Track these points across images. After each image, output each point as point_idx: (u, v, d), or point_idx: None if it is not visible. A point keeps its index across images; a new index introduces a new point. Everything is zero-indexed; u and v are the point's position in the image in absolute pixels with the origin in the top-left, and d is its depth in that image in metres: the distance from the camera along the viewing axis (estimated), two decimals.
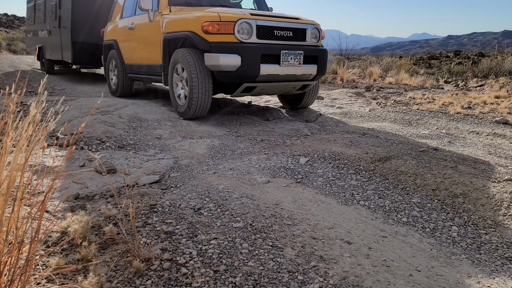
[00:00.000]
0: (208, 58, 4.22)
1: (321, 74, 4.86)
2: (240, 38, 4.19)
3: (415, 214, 2.26)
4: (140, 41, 5.75)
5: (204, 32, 4.22)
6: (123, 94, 6.71)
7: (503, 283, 1.65)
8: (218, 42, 4.19)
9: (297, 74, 4.56)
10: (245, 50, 4.14)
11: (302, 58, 4.52)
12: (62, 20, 9.05)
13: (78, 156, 3.21)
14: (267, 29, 4.34)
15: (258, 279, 1.51)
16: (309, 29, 4.66)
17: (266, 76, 4.33)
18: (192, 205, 2.16)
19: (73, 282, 1.48)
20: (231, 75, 4.26)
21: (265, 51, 4.25)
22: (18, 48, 18.17)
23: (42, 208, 1.23)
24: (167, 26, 4.90)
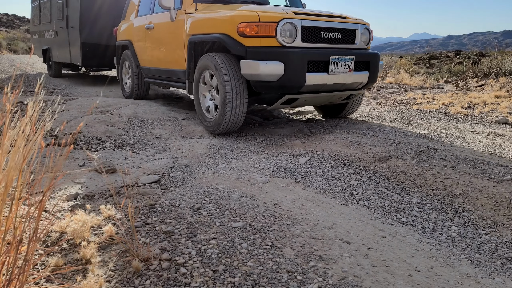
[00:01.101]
0: (245, 66, 3.62)
1: (372, 82, 4.26)
2: (283, 42, 3.59)
3: (414, 214, 2.25)
4: (160, 43, 5.15)
5: (240, 34, 3.63)
6: (139, 98, 6.14)
7: (502, 283, 1.64)
8: (256, 47, 3.60)
9: (346, 82, 3.94)
10: (289, 56, 3.54)
11: (353, 64, 3.91)
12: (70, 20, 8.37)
13: (78, 156, 3.21)
14: (314, 30, 3.74)
15: (257, 279, 1.51)
16: (359, 29, 4.05)
17: (312, 86, 3.73)
18: (192, 205, 2.15)
19: (72, 282, 1.48)
20: (272, 86, 3.67)
21: (312, 57, 3.65)
22: (19, 48, 18.18)
23: (41, 207, 1.23)
24: (193, 27, 4.30)
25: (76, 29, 8.00)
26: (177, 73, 4.78)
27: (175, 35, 4.69)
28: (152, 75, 5.55)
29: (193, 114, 5.06)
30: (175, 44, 4.72)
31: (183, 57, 4.52)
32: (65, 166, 2.96)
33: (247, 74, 3.65)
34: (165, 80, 5.26)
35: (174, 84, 5.02)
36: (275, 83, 3.62)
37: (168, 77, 5.12)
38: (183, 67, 4.57)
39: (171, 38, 4.81)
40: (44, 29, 10.11)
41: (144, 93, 6.15)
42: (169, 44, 4.90)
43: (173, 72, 4.89)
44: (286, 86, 3.65)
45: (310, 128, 4.46)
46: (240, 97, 3.77)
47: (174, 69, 4.82)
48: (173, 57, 4.81)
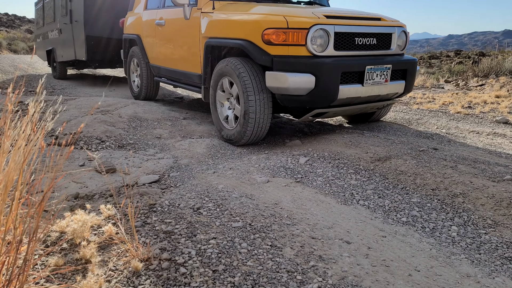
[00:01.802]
0: (271, 78, 3.24)
1: (408, 92, 3.89)
2: (314, 51, 3.18)
3: (414, 213, 2.25)
4: (172, 42, 4.71)
5: (265, 42, 3.24)
6: (148, 98, 5.79)
7: (502, 283, 1.64)
8: (284, 56, 3.20)
9: (381, 94, 3.58)
10: (321, 67, 3.14)
11: (389, 74, 3.52)
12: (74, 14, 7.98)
13: (78, 156, 3.21)
14: (348, 36, 3.33)
15: (257, 279, 1.51)
16: (396, 32, 3.63)
17: (344, 100, 3.37)
18: (192, 204, 2.16)
19: (72, 282, 1.48)
20: (300, 100, 3.31)
21: (346, 68, 3.26)
22: (19, 48, 18.18)
23: (41, 207, 1.23)
24: (210, 29, 3.87)
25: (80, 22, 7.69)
26: (191, 76, 4.37)
27: (189, 35, 4.27)
28: (162, 74, 5.15)
29: (193, 114, 5.06)
30: (189, 45, 4.32)
31: (198, 60, 4.12)
32: (65, 166, 2.97)
33: (273, 87, 3.28)
34: (178, 82, 4.86)
35: (188, 87, 4.63)
36: (304, 98, 3.24)
37: (181, 80, 4.72)
38: (198, 70, 4.17)
39: (184, 37, 4.39)
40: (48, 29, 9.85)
41: (153, 93, 5.78)
42: (182, 44, 4.49)
43: (186, 75, 4.48)
44: (316, 100, 3.28)
45: (310, 128, 4.46)
46: (264, 108, 3.42)
47: (188, 72, 4.42)
48: (187, 59, 4.41)
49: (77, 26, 7.81)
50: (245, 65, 3.43)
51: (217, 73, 3.73)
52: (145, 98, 5.76)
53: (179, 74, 4.64)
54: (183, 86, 4.75)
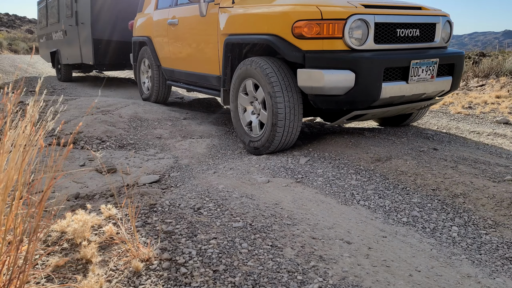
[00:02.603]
0: (304, 77, 2.90)
1: (454, 89, 3.49)
2: (352, 44, 2.84)
3: (415, 214, 2.25)
4: (186, 42, 4.38)
5: (295, 36, 2.89)
6: (159, 102, 5.50)
7: (503, 283, 1.64)
8: (318, 52, 2.86)
9: (427, 92, 3.21)
10: (361, 63, 2.80)
11: (436, 69, 3.15)
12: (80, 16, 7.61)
13: (79, 156, 3.21)
14: (388, 27, 2.97)
15: (257, 279, 1.51)
16: (441, 23, 3.25)
17: (387, 100, 3.00)
18: (192, 204, 2.15)
19: (73, 281, 1.48)
20: (337, 101, 2.94)
21: (390, 63, 2.90)
22: (19, 48, 18.20)
23: (41, 207, 1.23)
24: (230, 25, 3.54)
25: (87, 25, 7.32)
26: (208, 78, 4.04)
27: (205, 33, 3.95)
28: (176, 78, 4.82)
29: (193, 114, 5.06)
30: (205, 44, 4.00)
31: (216, 61, 3.80)
32: (66, 166, 2.97)
33: (306, 86, 2.94)
34: (193, 85, 4.54)
35: (205, 91, 4.31)
36: (341, 98, 2.88)
37: (197, 83, 4.39)
38: (216, 72, 3.85)
39: (200, 36, 4.08)
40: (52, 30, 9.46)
41: (165, 97, 5.48)
42: (198, 44, 4.17)
43: (203, 77, 4.15)
44: (355, 101, 2.91)
45: (310, 128, 4.46)
46: (294, 112, 3.06)
47: (205, 74, 4.08)
48: (204, 59, 4.08)
49: (84, 28, 7.48)
50: (271, 65, 3.09)
51: (239, 75, 3.40)
52: (156, 101, 5.50)
53: (195, 76, 4.31)
54: (199, 89, 4.44)
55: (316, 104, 3.08)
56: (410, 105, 3.33)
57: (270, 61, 3.13)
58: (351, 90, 2.83)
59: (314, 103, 3.08)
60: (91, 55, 7.30)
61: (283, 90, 3.02)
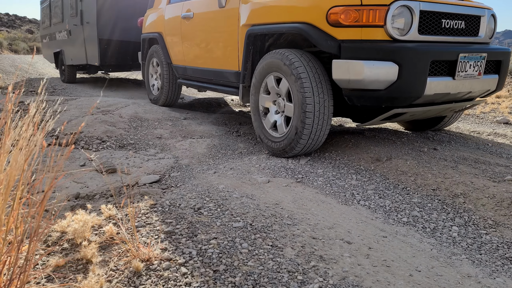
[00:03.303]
0: (341, 68, 2.66)
1: (499, 89, 3.23)
2: (395, 34, 2.59)
3: (415, 214, 2.25)
4: (202, 36, 4.15)
5: (331, 23, 2.66)
6: (168, 103, 5.20)
7: (503, 283, 1.64)
8: (356, 41, 2.63)
9: (473, 91, 2.95)
10: (406, 54, 2.56)
11: (483, 66, 2.91)
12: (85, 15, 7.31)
13: (79, 156, 3.22)
14: (434, 17, 2.72)
15: (257, 279, 1.51)
16: (486, 16, 3.01)
17: (431, 97, 2.75)
18: (192, 204, 2.16)
19: (73, 281, 1.48)
20: (377, 97, 2.68)
21: (436, 56, 2.66)
22: (19, 48, 18.21)
23: (41, 207, 1.23)
24: (254, 14, 3.29)
25: (92, 24, 7.02)
26: (225, 75, 3.81)
27: (224, 26, 3.72)
28: (188, 75, 4.57)
29: (193, 114, 5.06)
30: (224, 38, 3.75)
31: (236, 55, 3.57)
32: (66, 166, 2.97)
33: (343, 80, 2.68)
34: (208, 83, 4.26)
35: (221, 88, 4.04)
36: (381, 93, 2.63)
37: (212, 80, 4.12)
38: (235, 67, 3.63)
39: (218, 29, 3.83)
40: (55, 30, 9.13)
41: (175, 97, 5.21)
42: (215, 38, 3.92)
43: (220, 74, 3.92)
44: (397, 97, 2.65)
45: None
46: (324, 111, 2.83)
47: (222, 70, 3.86)
48: (221, 54, 3.86)
49: (89, 28, 7.20)
50: (300, 57, 2.86)
51: (262, 69, 3.16)
52: (165, 103, 5.20)
53: (211, 73, 4.06)
54: (214, 87, 4.19)
55: (352, 100, 2.81)
56: (452, 105, 3.06)
57: (298, 54, 2.89)
58: (393, 84, 2.58)
59: (349, 99, 2.82)
60: (97, 55, 7.04)
61: (312, 85, 2.78)
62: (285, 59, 2.92)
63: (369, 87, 2.64)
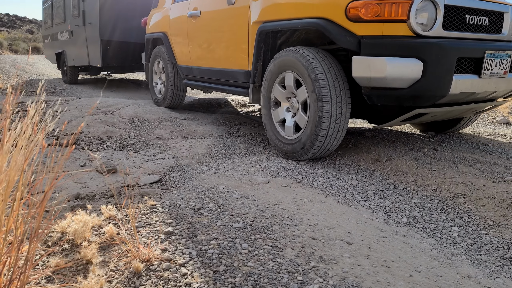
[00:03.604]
0: (362, 65, 2.54)
1: None
2: (419, 30, 2.46)
3: (415, 214, 2.25)
4: (209, 35, 4.02)
5: (350, 18, 2.55)
6: (173, 105, 5.08)
7: (503, 284, 1.64)
8: (377, 37, 2.51)
9: (498, 90, 2.83)
10: (431, 50, 2.43)
11: (510, 64, 2.79)
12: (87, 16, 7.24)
13: (79, 156, 3.22)
14: (458, 12, 2.59)
15: (257, 280, 1.51)
16: (510, 13, 2.87)
17: (456, 96, 2.61)
18: (192, 205, 2.16)
19: (73, 282, 1.48)
20: (399, 95, 2.57)
21: (463, 52, 2.54)
22: (20, 48, 18.22)
23: (42, 207, 1.23)
24: (266, 11, 3.17)
25: (95, 25, 6.94)
26: (234, 74, 3.69)
27: (234, 23, 3.58)
28: (194, 76, 4.47)
29: (193, 114, 5.07)
30: (233, 36, 3.62)
31: (246, 54, 3.45)
32: (66, 166, 2.97)
33: (363, 77, 2.56)
34: (215, 83, 4.12)
35: (229, 89, 3.91)
36: (404, 92, 2.51)
37: (220, 80, 3.99)
38: (244, 66, 3.51)
39: (227, 28, 3.71)
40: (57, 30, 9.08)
41: (180, 99, 5.08)
42: (223, 36, 3.79)
43: (228, 74, 3.79)
44: (420, 96, 2.52)
45: None
46: (341, 112, 2.72)
47: (231, 70, 3.74)
48: (230, 53, 3.72)
49: (91, 29, 7.12)
50: (315, 55, 2.75)
51: (275, 67, 3.05)
52: (170, 105, 5.08)
53: (218, 73, 3.95)
54: (222, 88, 4.05)
55: (371, 99, 2.68)
56: (475, 105, 2.94)
57: (314, 51, 2.79)
58: (417, 82, 2.45)
59: (369, 98, 2.69)
60: (99, 57, 6.94)
61: (329, 84, 2.66)
62: (300, 57, 2.80)
63: (391, 85, 2.52)
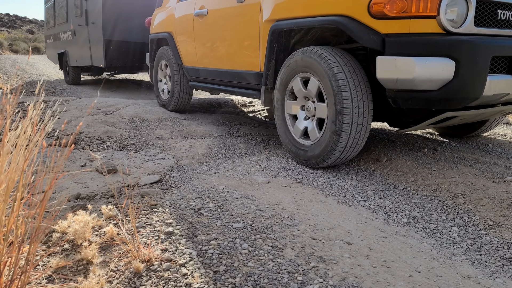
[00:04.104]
0: (387, 66, 2.35)
1: None
2: (449, 26, 2.24)
3: (415, 214, 2.25)
4: (217, 35, 3.86)
5: (373, 15, 2.37)
6: (179, 109, 4.91)
7: (503, 284, 1.64)
8: (403, 35, 2.32)
9: None
10: (464, 49, 2.23)
11: None
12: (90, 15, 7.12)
13: (79, 156, 3.22)
14: (489, 7, 2.37)
15: (257, 280, 1.51)
16: None
17: (489, 98, 2.41)
18: (193, 205, 2.16)
19: (74, 282, 1.48)
20: (428, 98, 2.36)
21: (498, 51, 2.34)
22: (20, 48, 18.23)
23: (42, 207, 1.24)
24: (279, 8, 3.00)
25: (97, 25, 6.79)
26: (244, 76, 3.54)
27: (243, 22, 3.43)
28: (201, 77, 4.31)
29: (193, 114, 5.07)
30: (243, 36, 3.46)
31: (257, 54, 3.29)
32: (67, 166, 2.97)
33: (389, 79, 2.37)
34: (223, 85, 3.97)
35: (239, 91, 3.75)
36: (434, 94, 2.31)
37: (229, 82, 3.84)
38: (255, 67, 3.36)
39: (236, 27, 3.54)
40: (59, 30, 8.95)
41: (187, 101, 4.89)
42: (233, 36, 3.62)
43: (238, 75, 3.64)
44: (452, 98, 2.31)
45: None
46: (363, 115, 2.55)
47: (240, 71, 3.59)
48: (240, 53, 3.57)
49: (94, 28, 6.98)
50: (334, 55, 2.60)
51: (290, 68, 2.89)
52: (175, 108, 4.89)
53: (227, 74, 3.78)
54: (230, 90, 3.87)
55: (397, 102, 2.47)
56: (505, 107, 2.74)
57: (332, 51, 2.63)
58: (448, 84, 2.24)
59: (394, 101, 2.48)
60: (102, 57, 6.81)
61: (351, 87, 2.50)
62: (318, 57, 2.63)
63: (420, 88, 2.31)
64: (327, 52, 2.64)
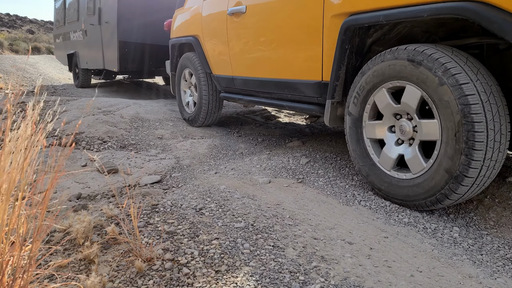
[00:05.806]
0: None
1: None
2: None
3: (416, 214, 2.25)
4: (260, 36, 3.10)
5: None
6: (208, 123, 4.26)
7: (504, 284, 1.64)
8: None
9: None
10: None
11: None
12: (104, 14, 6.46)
13: (80, 156, 3.22)
14: None
15: (259, 280, 1.52)
16: None
17: None
18: (194, 205, 2.16)
19: (76, 281, 1.48)
20: None
21: None
22: (20, 48, 18.24)
23: (43, 206, 1.24)
24: None
25: (112, 24, 6.15)
26: (299, 86, 2.82)
27: (299, 18, 2.69)
28: (236, 88, 3.60)
29: None
30: (299, 36, 2.72)
31: (318, 58, 2.58)
32: (68, 166, 2.97)
33: None
34: (267, 97, 3.26)
35: (289, 105, 3.01)
36: None
37: (275, 94, 3.13)
38: (315, 76, 2.65)
39: (288, 24, 2.79)
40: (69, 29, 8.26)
41: (216, 115, 4.20)
42: (283, 37, 2.87)
43: (289, 85, 2.92)
44: None
45: (311, 128, 4.46)
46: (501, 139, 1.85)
47: (293, 81, 2.86)
48: (293, 59, 2.83)
49: (108, 28, 6.30)
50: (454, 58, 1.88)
51: (373, 76, 2.20)
52: (203, 123, 4.22)
53: (272, 85, 3.08)
54: (278, 104, 3.13)
55: None
56: None
57: (449, 52, 1.91)
58: None
59: None
60: (116, 60, 6.18)
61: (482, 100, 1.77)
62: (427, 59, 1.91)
63: None
64: (439, 52, 1.91)
